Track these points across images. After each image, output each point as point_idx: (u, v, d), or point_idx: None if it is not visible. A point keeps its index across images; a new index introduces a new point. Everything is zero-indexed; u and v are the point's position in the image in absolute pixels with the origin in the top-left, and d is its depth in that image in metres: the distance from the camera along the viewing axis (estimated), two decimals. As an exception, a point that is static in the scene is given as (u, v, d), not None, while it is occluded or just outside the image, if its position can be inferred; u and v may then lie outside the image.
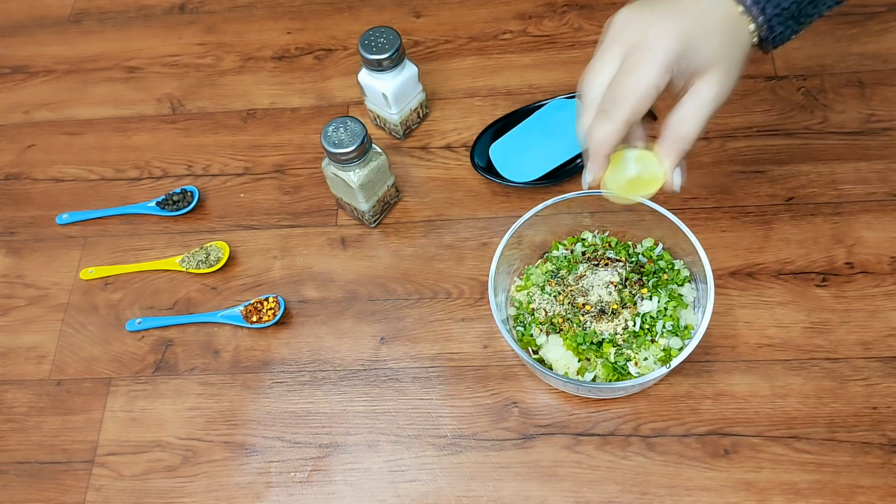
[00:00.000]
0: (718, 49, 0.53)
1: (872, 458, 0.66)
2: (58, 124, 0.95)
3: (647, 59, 0.53)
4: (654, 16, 0.53)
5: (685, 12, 0.53)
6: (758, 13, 0.53)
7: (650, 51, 0.52)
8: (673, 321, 0.67)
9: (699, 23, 0.53)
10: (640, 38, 0.53)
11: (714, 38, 0.53)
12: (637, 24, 0.54)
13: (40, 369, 0.79)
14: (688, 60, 0.53)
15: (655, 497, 0.66)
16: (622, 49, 0.54)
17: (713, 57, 0.53)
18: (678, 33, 0.52)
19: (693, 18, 0.53)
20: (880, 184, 0.77)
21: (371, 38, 0.79)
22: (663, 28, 0.52)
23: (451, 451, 0.70)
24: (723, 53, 0.54)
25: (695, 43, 0.53)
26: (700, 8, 0.53)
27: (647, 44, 0.53)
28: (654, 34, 0.52)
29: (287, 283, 0.80)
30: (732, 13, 0.54)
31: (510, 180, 0.80)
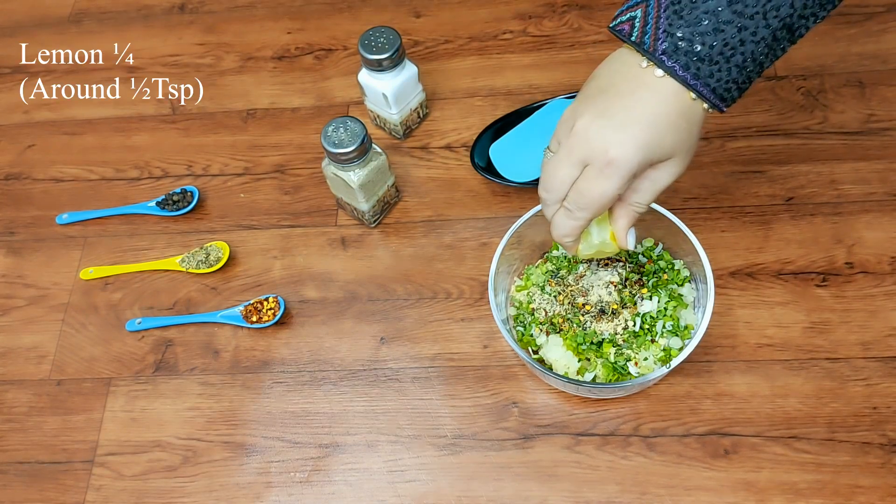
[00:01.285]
0: (676, 141, 0.54)
1: (872, 458, 0.66)
2: (58, 124, 0.95)
3: (608, 173, 0.53)
4: (611, 127, 0.52)
5: (641, 117, 0.52)
6: (710, 94, 0.53)
7: (612, 167, 0.52)
8: (673, 321, 0.67)
9: (657, 124, 0.52)
10: (601, 152, 0.53)
11: (672, 133, 0.53)
12: (596, 137, 0.53)
13: (40, 369, 0.79)
14: (650, 160, 0.54)
15: (655, 497, 0.66)
16: (582, 157, 0.54)
17: (672, 150, 0.54)
18: (639, 146, 0.52)
19: (650, 120, 0.52)
20: (880, 184, 0.77)
21: (371, 38, 0.79)
22: (623, 144, 0.52)
23: (450, 451, 0.70)
24: (680, 143, 0.54)
25: (655, 147, 0.53)
26: (654, 106, 0.52)
27: (608, 159, 0.52)
28: (616, 152, 0.52)
29: (287, 283, 0.80)
30: (685, 102, 0.53)
31: (510, 180, 0.81)
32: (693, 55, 0.51)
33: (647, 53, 0.52)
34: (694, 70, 0.51)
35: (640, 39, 0.53)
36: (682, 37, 0.51)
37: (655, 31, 0.52)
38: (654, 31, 0.52)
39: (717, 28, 0.51)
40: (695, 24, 0.51)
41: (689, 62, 0.51)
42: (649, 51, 0.52)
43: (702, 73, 0.51)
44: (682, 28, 0.51)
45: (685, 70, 0.52)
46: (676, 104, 0.53)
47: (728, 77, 0.52)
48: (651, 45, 0.52)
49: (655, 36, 0.52)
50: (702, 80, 0.52)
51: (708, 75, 0.52)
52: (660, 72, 0.52)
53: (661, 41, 0.52)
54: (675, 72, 0.52)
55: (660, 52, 0.52)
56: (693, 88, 0.52)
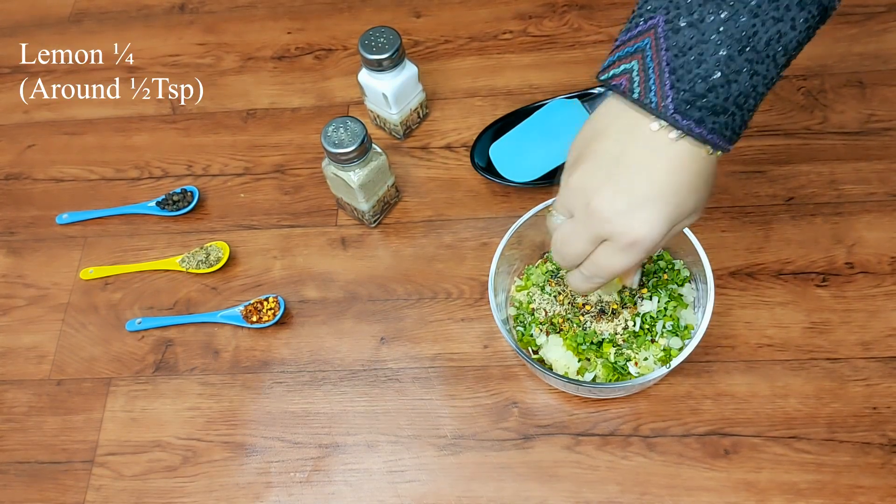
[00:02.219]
0: (699, 201, 0.51)
1: (872, 459, 0.66)
2: (58, 124, 0.95)
3: (632, 251, 0.50)
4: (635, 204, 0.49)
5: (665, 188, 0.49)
6: (725, 144, 0.49)
7: (636, 246, 0.50)
8: (673, 321, 0.67)
9: (679, 193, 0.49)
10: (624, 233, 0.49)
11: (694, 195, 0.50)
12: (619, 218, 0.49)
13: (40, 369, 0.79)
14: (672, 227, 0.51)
15: (655, 497, 0.66)
16: (601, 235, 0.51)
17: (694, 209, 0.51)
18: (662, 223, 0.49)
19: (673, 191, 0.49)
20: (880, 184, 0.77)
21: (371, 38, 0.79)
22: (650, 222, 0.49)
23: (451, 452, 0.70)
24: (702, 200, 0.51)
25: (677, 216, 0.50)
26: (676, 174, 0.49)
27: (632, 240, 0.50)
28: (642, 232, 0.49)
29: (287, 283, 0.80)
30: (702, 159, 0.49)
31: (510, 180, 0.80)
32: (707, 110, 0.47)
33: (656, 112, 0.47)
34: (710, 125, 0.47)
35: (645, 97, 0.47)
36: (692, 91, 0.46)
37: (661, 87, 0.47)
38: (658, 88, 0.47)
39: (730, 79, 0.46)
40: (705, 77, 0.46)
41: (704, 117, 0.47)
42: (657, 110, 0.47)
43: (717, 126, 0.47)
44: (691, 83, 0.46)
45: (700, 126, 0.47)
46: (695, 165, 0.49)
47: (741, 122, 0.49)
48: (658, 104, 0.47)
49: (662, 93, 0.47)
50: (718, 133, 0.48)
51: (723, 126, 0.48)
52: (674, 134, 0.48)
53: (669, 99, 0.47)
54: (692, 130, 0.47)
55: (671, 111, 0.47)
56: (710, 142, 0.48)
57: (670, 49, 0.47)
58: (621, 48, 0.50)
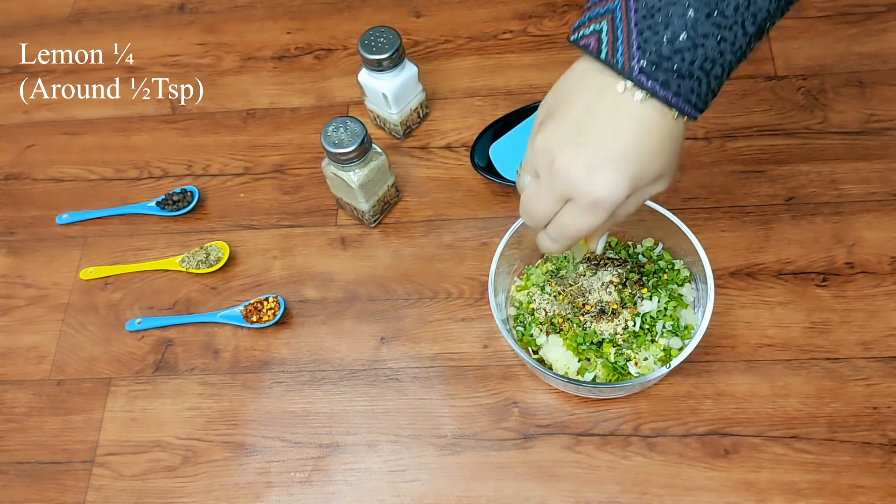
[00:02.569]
0: (664, 164, 0.51)
1: (873, 458, 0.66)
2: (58, 124, 0.95)
3: (594, 211, 0.51)
4: (597, 163, 0.49)
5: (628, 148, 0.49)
6: (691, 110, 0.49)
7: (598, 205, 0.50)
8: (673, 321, 0.67)
9: (643, 153, 0.49)
10: (586, 192, 0.50)
11: (659, 158, 0.50)
12: (581, 176, 0.50)
13: (40, 369, 0.79)
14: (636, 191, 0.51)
15: (655, 497, 0.66)
16: (564, 194, 0.51)
17: (659, 173, 0.51)
18: (627, 181, 0.49)
19: (636, 152, 0.49)
20: (880, 184, 0.77)
21: (371, 37, 0.79)
22: (612, 181, 0.49)
23: (451, 451, 0.70)
24: (668, 164, 0.51)
25: (641, 176, 0.50)
26: (640, 134, 0.49)
27: (595, 199, 0.50)
28: (603, 191, 0.49)
29: (287, 283, 0.80)
30: (668, 122, 0.49)
31: (510, 180, 0.80)
32: (673, 73, 0.47)
33: (622, 73, 0.48)
34: (675, 88, 0.48)
35: (612, 58, 0.48)
36: (659, 53, 0.47)
37: (628, 48, 0.48)
38: (626, 48, 0.48)
39: (697, 42, 0.47)
40: (672, 39, 0.47)
41: (670, 80, 0.47)
42: (623, 70, 0.48)
43: (682, 90, 0.48)
44: (658, 44, 0.47)
45: (666, 89, 0.48)
46: (660, 127, 0.49)
47: (708, 89, 0.49)
48: (625, 64, 0.48)
49: (629, 54, 0.47)
50: (683, 97, 0.48)
51: (689, 91, 0.48)
52: (639, 94, 0.48)
53: (636, 59, 0.47)
54: (656, 92, 0.48)
55: (637, 72, 0.47)
56: (675, 106, 0.48)
57: (639, 10, 0.47)
58: (592, 9, 0.50)
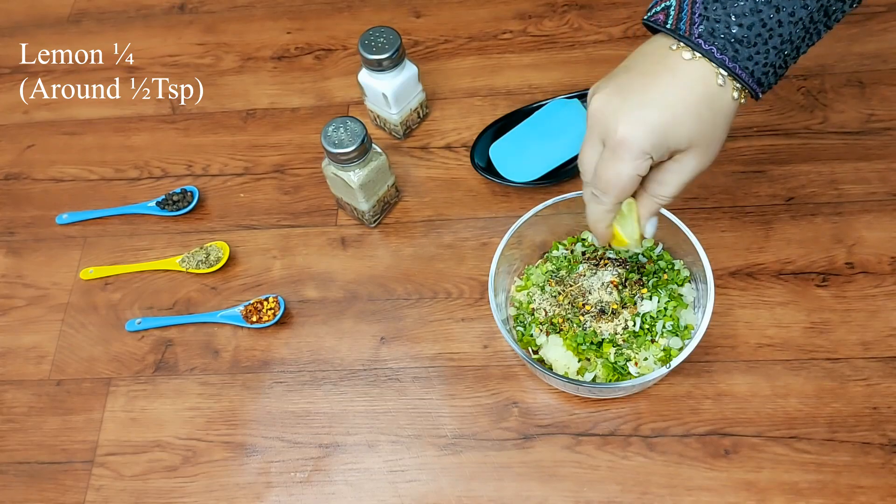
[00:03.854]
0: (696, 130, 0.52)
1: (873, 459, 0.66)
2: (58, 124, 0.95)
3: (620, 153, 0.53)
4: (625, 107, 0.52)
5: (657, 99, 0.52)
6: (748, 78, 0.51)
7: (622, 147, 0.52)
8: (673, 321, 0.67)
9: (673, 107, 0.51)
10: (612, 131, 0.52)
11: (690, 120, 0.52)
12: (609, 117, 0.52)
13: (40, 369, 0.79)
14: (665, 144, 0.53)
15: (656, 497, 0.66)
16: (599, 136, 0.54)
17: (690, 139, 0.53)
18: (649, 128, 0.51)
19: (665, 104, 0.51)
20: (880, 184, 0.77)
21: (371, 38, 0.79)
22: (633, 124, 0.51)
23: (451, 451, 0.70)
24: (701, 133, 0.53)
25: (670, 131, 0.52)
26: (673, 89, 0.51)
27: (618, 139, 0.52)
28: (625, 131, 0.51)
29: (287, 283, 0.80)
30: (710, 88, 0.52)
31: (510, 180, 0.80)
32: (731, 37, 0.50)
33: (683, 38, 0.51)
34: (732, 53, 0.50)
35: (676, 25, 0.52)
36: (718, 19, 0.50)
37: (691, 16, 0.51)
38: (689, 17, 0.51)
39: (755, 9, 0.50)
40: (731, 6, 0.50)
41: (727, 44, 0.50)
42: (685, 35, 0.51)
43: (740, 56, 0.50)
44: (719, 10, 0.50)
45: (722, 52, 0.50)
46: (699, 89, 0.51)
47: (766, 60, 0.51)
48: (687, 30, 0.51)
49: (691, 21, 0.51)
50: (740, 64, 0.50)
51: (746, 58, 0.50)
52: (688, 54, 0.51)
53: (696, 25, 0.51)
54: (713, 55, 0.50)
55: (696, 36, 0.51)
56: (731, 71, 0.51)
57: None
58: None
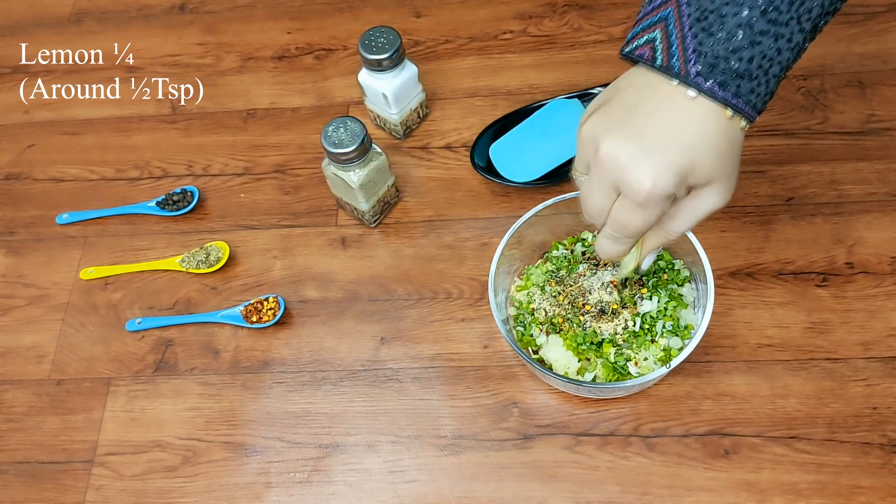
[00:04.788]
0: (718, 165, 0.50)
1: (873, 459, 0.66)
2: (58, 124, 0.95)
3: (643, 203, 0.50)
4: (643, 151, 0.48)
5: (675, 138, 0.48)
6: (750, 111, 0.49)
7: (646, 197, 0.49)
8: (673, 321, 0.67)
9: (693, 148, 0.48)
10: (633, 183, 0.49)
11: (711, 155, 0.49)
12: (627, 165, 0.49)
13: (40, 369, 0.79)
14: (686, 183, 0.50)
15: (656, 497, 0.66)
16: (613, 183, 0.51)
17: (712, 175, 0.50)
18: (675, 172, 0.48)
19: (686, 144, 0.48)
20: (880, 184, 0.77)
21: (371, 38, 0.79)
22: (658, 173, 0.48)
23: (451, 452, 0.70)
24: (722, 167, 0.50)
25: (692, 170, 0.49)
26: (689, 126, 0.48)
27: (641, 191, 0.49)
28: (650, 181, 0.48)
29: (287, 283, 0.80)
30: (722, 121, 0.49)
31: (510, 180, 0.80)
32: (731, 72, 0.47)
33: (680, 78, 0.48)
34: (734, 89, 0.47)
35: (667, 63, 0.48)
36: (716, 55, 0.47)
37: (683, 52, 0.48)
38: (681, 53, 0.48)
39: (754, 41, 0.47)
40: (728, 39, 0.47)
41: (728, 80, 0.47)
42: (681, 74, 0.48)
43: (742, 91, 0.48)
44: (715, 45, 0.47)
45: (724, 89, 0.47)
46: (713, 124, 0.49)
47: (767, 90, 0.49)
48: (681, 69, 0.48)
49: (685, 58, 0.48)
50: (743, 98, 0.48)
51: (749, 91, 0.48)
52: (692, 92, 0.48)
53: (692, 63, 0.47)
54: (715, 93, 0.47)
55: (693, 75, 0.47)
56: (734, 107, 0.48)
57: (692, 15, 0.48)
58: (644, 20, 0.50)
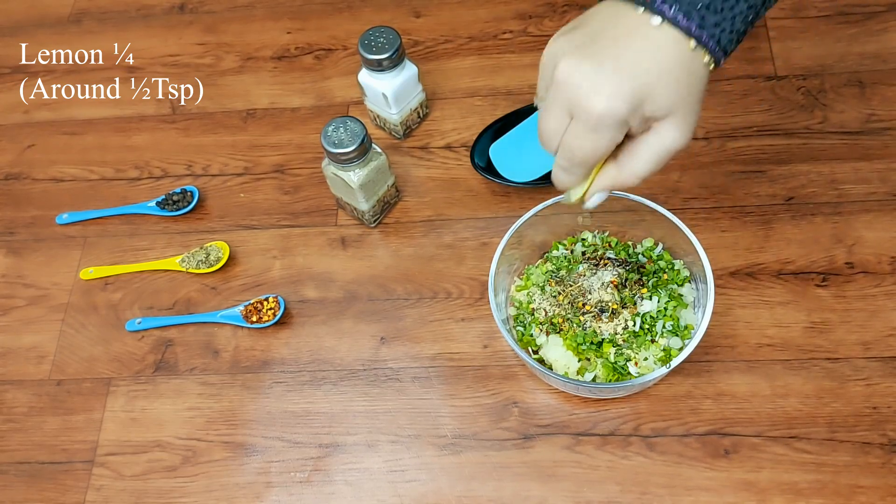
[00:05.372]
0: (675, 95, 0.49)
1: (873, 458, 0.66)
2: (58, 124, 0.95)
3: (594, 126, 0.49)
4: (599, 73, 0.48)
5: (632, 62, 0.48)
6: (714, 45, 0.48)
7: (597, 120, 0.48)
8: (673, 321, 0.67)
9: (650, 73, 0.48)
10: (585, 103, 0.48)
11: (670, 85, 0.48)
12: (580, 85, 0.48)
13: (40, 369, 0.79)
14: (642, 112, 0.49)
15: (655, 497, 0.66)
16: (567, 105, 0.50)
17: (670, 105, 0.49)
18: (626, 94, 0.48)
19: (643, 69, 0.48)
20: (880, 183, 0.77)
21: (371, 37, 0.79)
22: (612, 95, 0.47)
23: (451, 451, 0.70)
24: (680, 98, 0.49)
25: (648, 97, 0.48)
26: (648, 53, 0.48)
27: (593, 112, 0.48)
28: (602, 103, 0.48)
29: (287, 283, 0.80)
30: (684, 51, 0.48)
31: (510, 180, 0.80)
32: (696, 4, 0.47)
33: (646, 5, 0.48)
34: (698, 20, 0.47)
35: None
36: None
37: None
38: None
39: None
40: None
41: (692, 10, 0.47)
42: (646, 2, 0.48)
43: (706, 24, 0.48)
44: None
45: (688, 19, 0.47)
46: (675, 52, 0.48)
47: (732, 28, 0.49)
48: None
49: None
50: (707, 31, 0.48)
51: (713, 25, 0.48)
52: (657, 20, 0.48)
53: None
54: (678, 21, 0.47)
55: (658, 3, 0.47)
56: (697, 39, 0.48)
57: None
58: None
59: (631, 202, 0.69)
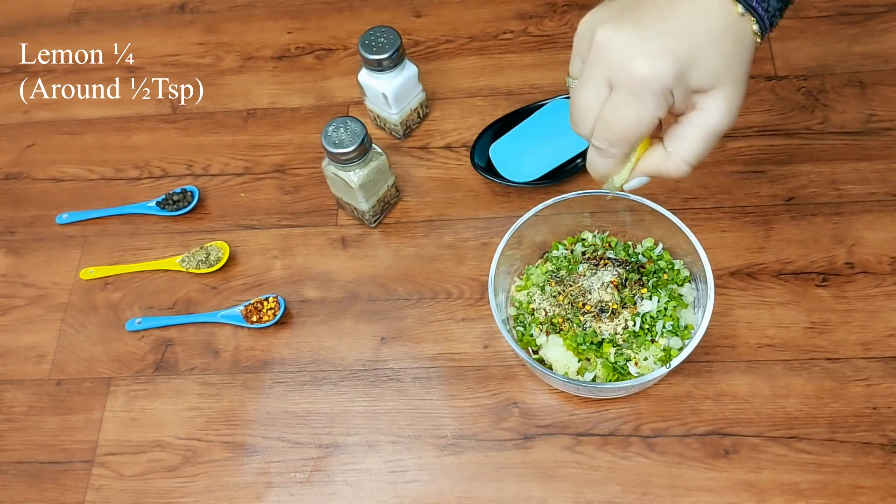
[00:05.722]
0: (723, 63, 0.46)
1: (873, 459, 0.66)
2: (58, 124, 0.95)
3: (637, 93, 0.45)
4: (642, 36, 0.45)
5: (678, 26, 0.45)
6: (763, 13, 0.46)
7: (641, 84, 0.45)
8: (673, 321, 0.67)
9: (696, 37, 0.45)
10: (627, 66, 0.45)
11: (716, 51, 0.45)
12: (622, 48, 0.45)
13: (40, 369, 0.79)
14: (688, 81, 0.46)
15: (656, 497, 0.66)
16: (606, 74, 0.46)
17: (718, 75, 0.46)
18: (672, 59, 0.44)
19: (688, 32, 0.45)
20: (881, 184, 0.77)
21: (371, 37, 0.79)
22: (655, 56, 0.44)
23: (451, 452, 0.70)
24: (728, 68, 0.46)
25: (694, 62, 0.45)
26: (694, 17, 0.45)
27: (636, 75, 0.45)
28: (645, 65, 0.44)
29: (287, 283, 0.80)
30: (731, 16, 0.46)
31: (510, 180, 0.80)
32: None
33: None
34: None
35: None
36: None
37: None
38: None
39: None
40: None
41: None
42: None
43: None
44: None
45: None
46: (721, 17, 0.45)
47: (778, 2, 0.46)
48: None
49: None
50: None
51: None
52: None
53: None
54: None
55: None
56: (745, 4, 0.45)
57: None
58: None
59: (631, 202, 0.69)
